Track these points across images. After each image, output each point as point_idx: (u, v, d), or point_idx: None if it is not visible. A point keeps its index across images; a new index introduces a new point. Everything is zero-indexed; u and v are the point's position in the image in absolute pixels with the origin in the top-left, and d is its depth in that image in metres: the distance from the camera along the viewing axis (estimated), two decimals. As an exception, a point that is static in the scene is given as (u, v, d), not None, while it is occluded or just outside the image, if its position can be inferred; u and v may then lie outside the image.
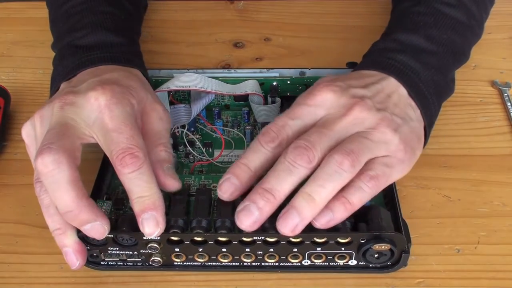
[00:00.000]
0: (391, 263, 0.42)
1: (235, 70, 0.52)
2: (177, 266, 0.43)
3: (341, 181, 0.38)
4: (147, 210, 0.38)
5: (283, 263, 0.42)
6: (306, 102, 0.42)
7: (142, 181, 0.39)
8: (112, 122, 0.40)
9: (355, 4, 0.68)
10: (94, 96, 0.41)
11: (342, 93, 0.42)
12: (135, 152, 0.39)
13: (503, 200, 0.48)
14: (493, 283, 0.42)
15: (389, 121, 0.41)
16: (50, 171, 0.37)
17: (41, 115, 0.42)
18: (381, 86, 0.44)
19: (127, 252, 0.42)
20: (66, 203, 0.38)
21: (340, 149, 0.39)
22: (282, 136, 0.40)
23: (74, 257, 0.40)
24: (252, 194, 0.39)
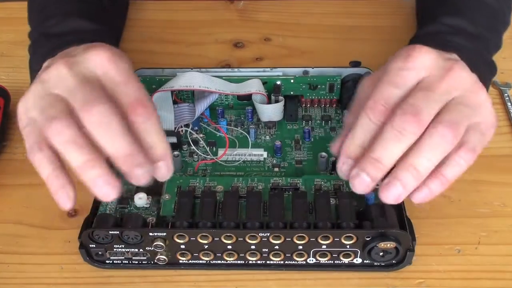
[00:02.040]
0: (395, 262, 0.42)
1: (238, 69, 0.52)
2: (182, 264, 0.43)
3: (444, 153, 0.38)
4: (159, 159, 0.39)
5: (288, 262, 0.42)
6: (404, 66, 0.40)
7: (153, 130, 0.39)
8: (119, 75, 0.40)
9: (355, 4, 0.68)
10: (94, 53, 0.40)
11: (438, 54, 0.41)
12: (146, 103, 0.39)
13: (504, 200, 0.48)
14: (494, 283, 0.43)
15: (481, 83, 0.41)
16: (108, 119, 0.37)
17: (43, 81, 0.40)
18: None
19: (132, 250, 0.42)
20: (125, 147, 0.38)
21: (443, 120, 0.38)
22: (391, 107, 0.39)
23: (110, 186, 0.38)
24: (363, 162, 0.39)
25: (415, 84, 0.40)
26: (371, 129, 0.39)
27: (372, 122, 0.39)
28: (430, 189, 0.39)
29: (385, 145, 0.38)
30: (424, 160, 0.38)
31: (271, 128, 0.51)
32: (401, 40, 0.63)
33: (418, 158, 0.38)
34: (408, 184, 0.38)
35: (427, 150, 0.38)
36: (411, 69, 0.40)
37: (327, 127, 0.52)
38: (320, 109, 0.53)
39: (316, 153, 0.48)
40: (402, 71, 0.40)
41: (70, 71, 0.40)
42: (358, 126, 0.40)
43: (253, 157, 0.49)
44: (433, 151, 0.38)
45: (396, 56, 0.41)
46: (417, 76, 0.40)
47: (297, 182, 0.46)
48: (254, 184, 0.46)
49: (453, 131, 0.38)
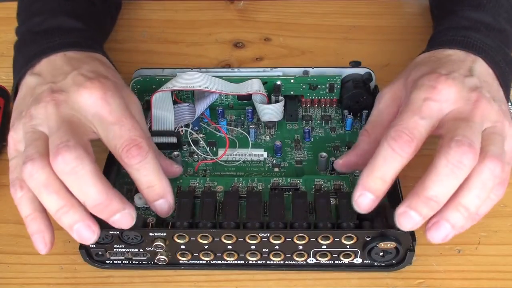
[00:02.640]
0: (396, 262, 0.42)
1: (239, 69, 0.52)
2: (182, 264, 0.43)
3: (492, 188, 0.37)
4: (159, 198, 0.40)
5: (288, 262, 0.42)
6: (432, 97, 0.39)
7: (150, 171, 0.39)
8: (111, 115, 0.40)
9: (355, 4, 0.68)
10: (87, 93, 0.40)
11: (462, 85, 0.40)
12: (140, 143, 0.39)
13: (504, 200, 0.47)
14: (494, 283, 0.43)
15: (504, 111, 0.41)
16: (73, 168, 0.37)
17: (31, 116, 0.40)
18: (479, 70, 0.43)
19: (132, 250, 0.42)
20: (95, 196, 0.37)
21: (489, 155, 0.37)
22: (416, 138, 0.38)
23: (91, 229, 0.38)
24: (414, 201, 0.37)
25: (440, 116, 0.39)
26: (394, 161, 0.37)
27: (397, 154, 0.37)
28: (463, 228, 0.39)
29: (441, 180, 0.36)
30: (475, 198, 0.37)
31: (271, 128, 0.51)
32: (401, 40, 0.64)
33: (468, 196, 0.37)
34: (457, 224, 0.37)
35: (479, 187, 0.37)
36: (437, 101, 0.39)
37: (327, 127, 0.52)
38: (320, 109, 0.53)
39: (316, 153, 0.48)
40: (428, 102, 0.39)
41: (57, 111, 0.40)
42: (380, 158, 0.38)
43: (253, 157, 0.49)
44: (484, 187, 0.37)
45: (420, 86, 0.40)
46: (442, 108, 0.39)
47: (297, 182, 0.46)
48: (254, 184, 0.46)
49: (501, 164, 0.37)
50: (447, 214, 0.37)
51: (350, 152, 0.44)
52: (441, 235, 0.38)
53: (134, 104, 0.44)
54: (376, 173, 0.38)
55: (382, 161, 0.38)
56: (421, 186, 0.37)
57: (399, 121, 0.38)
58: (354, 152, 0.44)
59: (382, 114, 0.44)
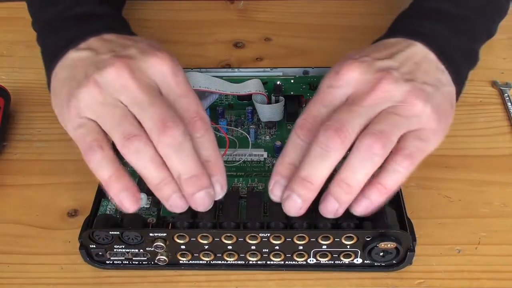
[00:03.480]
0: (396, 262, 0.42)
1: (239, 69, 0.52)
2: (182, 265, 0.43)
3: (374, 165, 0.38)
4: (214, 175, 0.40)
5: (288, 262, 0.42)
6: (332, 83, 0.40)
7: (210, 145, 0.40)
8: (179, 87, 0.40)
9: (355, 4, 0.68)
10: (158, 62, 0.40)
11: (368, 68, 0.40)
12: (204, 117, 0.40)
13: (504, 200, 0.48)
14: (494, 283, 0.43)
15: (418, 92, 0.40)
16: (181, 143, 0.38)
17: (100, 83, 0.39)
18: (408, 54, 0.42)
19: (132, 251, 0.42)
20: (194, 169, 0.39)
21: (369, 132, 0.38)
22: (317, 126, 0.39)
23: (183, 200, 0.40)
24: (292, 183, 0.39)
25: (343, 100, 0.40)
26: (300, 148, 0.39)
27: (301, 140, 0.39)
28: (370, 200, 0.39)
29: (312, 163, 0.38)
30: (353, 174, 0.38)
31: (271, 128, 0.51)
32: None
33: (347, 172, 0.38)
34: (341, 199, 0.38)
35: (355, 163, 0.38)
36: (338, 86, 0.40)
37: (327, 127, 0.52)
38: (320, 109, 0.53)
39: (316, 153, 0.48)
40: (330, 89, 0.40)
41: (133, 78, 0.39)
42: (289, 144, 0.40)
43: (253, 157, 0.49)
44: (362, 163, 0.38)
45: (327, 73, 0.41)
46: (344, 93, 0.40)
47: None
48: (255, 184, 0.46)
49: (381, 141, 0.37)
50: (330, 189, 0.39)
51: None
52: (328, 209, 0.39)
53: None
54: (285, 159, 0.40)
55: (289, 148, 0.40)
56: (298, 169, 0.39)
57: (305, 110, 0.40)
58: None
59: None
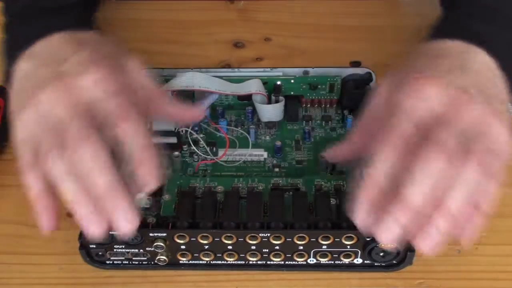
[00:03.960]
0: (396, 262, 0.42)
1: (239, 69, 0.52)
2: (182, 265, 0.43)
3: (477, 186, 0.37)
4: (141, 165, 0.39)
5: (288, 262, 0.42)
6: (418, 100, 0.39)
7: (138, 139, 0.39)
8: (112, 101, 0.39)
9: (355, 4, 0.68)
10: (91, 76, 0.40)
11: (448, 84, 0.39)
12: (130, 116, 0.39)
13: (504, 200, 0.47)
14: (494, 283, 0.43)
15: (494, 111, 0.39)
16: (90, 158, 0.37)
17: (37, 105, 0.40)
18: (477, 66, 0.41)
19: (132, 251, 0.42)
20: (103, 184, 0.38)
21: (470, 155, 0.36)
22: (410, 146, 0.37)
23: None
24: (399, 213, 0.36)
25: (426, 120, 0.38)
26: (391, 171, 0.37)
27: (391, 162, 0.37)
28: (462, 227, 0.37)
29: (416, 187, 0.36)
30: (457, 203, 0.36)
31: (272, 128, 0.51)
32: (401, 40, 0.63)
33: (451, 203, 0.36)
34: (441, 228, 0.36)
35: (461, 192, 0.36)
36: (421, 104, 0.38)
37: (327, 127, 0.52)
38: (321, 109, 0.53)
39: (317, 153, 0.48)
40: (413, 106, 0.38)
41: (68, 97, 0.39)
42: (377, 168, 0.37)
43: (253, 157, 0.49)
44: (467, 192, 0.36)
45: (406, 86, 0.39)
46: (431, 110, 0.38)
47: (298, 183, 0.46)
48: (255, 184, 0.46)
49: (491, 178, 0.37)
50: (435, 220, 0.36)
51: (343, 145, 0.44)
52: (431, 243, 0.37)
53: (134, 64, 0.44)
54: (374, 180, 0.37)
55: (381, 172, 0.37)
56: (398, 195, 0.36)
57: (392, 126, 0.38)
58: (347, 147, 0.44)
59: (378, 111, 0.42)
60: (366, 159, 0.38)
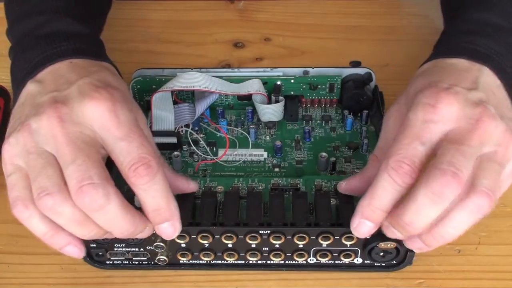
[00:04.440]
0: (396, 262, 0.42)
1: (239, 69, 0.52)
2: (182, 265, 0.43)
3: (476, 221, 0.36)
4: (165, 222, 0.38)
5: (288, 262, 0.42)
6: (430, 118, 0.37)
7: (158, 192, 0.37)
8: (119, 130, 0.37)
9: (355, 4, 0.68)
10: (94, 104, 0.37)
11: (464, 101, 0.37)
12: (149, 162, 0.36)
13: (504, 200, 0.48)
14: (494, 283, 0.43)
15: (510, 132, 0.37)
16: (101, 206, 0.35)
17: (32, 131, 0.37)
18: (485, 82, 0.40)
19: (132, 250, 0.42)
20: (123, 228, 0.37)
21: (478, 189, 0.35)
22: (417, 167, 0.36)
23: (79, 248, 0.39)
24: (398, 227, 0.37)
25: (441, 137, 0.37)
26: (395, 191, 0.36)
27: (397, 184, 0.36)
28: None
29: (419, 210, 0.35)
30: (453, 231, 0.36)
31: (271, 128, 0.51)
32: (401, 40, 0.64)
33: (448, 228, 0.36)
34: (432, 246, 0.38)
35: (461, 220, 0.35)
36: (437, 122, 0.36)
37: (327, 127, 0.52)
38: (321, 109, 0.53)
39: (317, 153, 0.48)
40: (427, 124, 0.36)
41: (62, 128, 0.36)
42: (380, 188, 0.36)
43: (253, 157, 0.49)
44: (467, 220, 0.35)
45: (417, 104, 0.37)
46: (444, 129, 0.37)
47: (298, 183, 0.46)
48: (255, 184, 0.46)
49: (489, 199, 0.35)
50: (425, 238, 0.37)
51: (356, 176, 0.42)
52: (414, 247, 0.39)
53: (142, 119, 0.41)
54: (375, 203, 0.37)
55: (382, 191, 0.36)
56: (400, 210, 0.36)
57: (398, 149, 0.36)
58: (359, 177, 0.41)
59: (390, 138, 0.40)
60: None
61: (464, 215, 0.35)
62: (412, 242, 0.39)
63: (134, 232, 0.38)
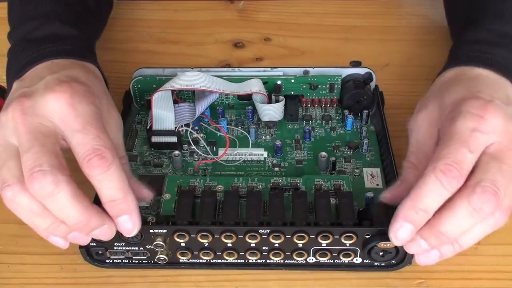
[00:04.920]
0: (395, 262, 0.42)
1: (239, 69, 0.52)
2: (182, 264, 0.43)
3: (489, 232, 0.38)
4: (121, 215, 0.38)
5: (288, 261, 0.42)
6: (479, 128, 0.37)
7: (113, 183, 0.37)
8: (76, 122, 0.38)
9: (355, 4, 0.69)
10: (54, 97, 0.38)
11: (507, 115, 0.38)
12: (102, 153, 0.37)
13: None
14: (494, 283, 0.43)
15: None
16: (50, 193, 0.36)
17: (1, 126, 0.39)
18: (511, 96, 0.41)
19: (132, 249, 0.42)
20: (74, 217, 0.37)
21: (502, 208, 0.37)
22: (464, 174, 0.36)
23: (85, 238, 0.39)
24: (426, 231, 0.37)
25: (484, 148, 0.37)
26: (440, 195, 0.36)
27: (444, 188, 0.36)
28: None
29: (458, 221, 0.36)
30: (471, 241, 0.38)
31: (272, 128, 0.51)
32: (401, 40, 0.64)
33: (468, 239, 0.38)
34: (445, 256, 0.39)
35: (480, 231, 0.37)
36: (485, 132, 0.37)
37: (327, 127, 0.52)
38: (321, 109, 0.53)
39: (316, 153, 0.48)
40: (475, 133, 0.37)
41: (23, 119, 0.38)
42: (426, 190, 0.36)
43: (253, 156, 0.49)
44: (484, 232, 0.38)
45: (466, 114, 0.38)
46: (488, 141, 0.38)
47: (297, 182, 0.46)
48: (254, 184, 0.46)
49: (507, 216, 0.37)
50: (441, 248, 0.38)
51: (398, 186, 0.41)
52: (428, 261, 0.39)
53: (113, 119, 0.42)
54: (420, 205, 0.37)
55: (428, 193, 0.36)
56: (437, 220, 0.37)
57: (447, 153, 0.37)
58: (403, 186, 0.41)
59: (424, 144, 0.41)
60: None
61: (485, 228, 0.38)
62: (430, 254, 0.39)
63: (89, 225, 0.38)
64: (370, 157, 0.49)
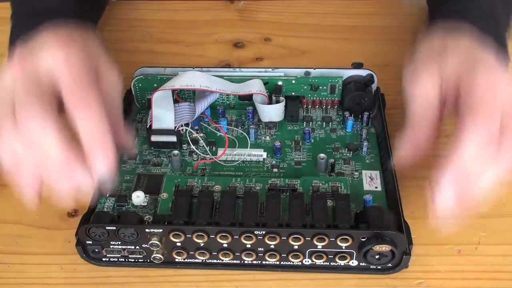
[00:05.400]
0: (392, 265, 0.42)
1: (240, 69, 0.52)
2: (178, 263, 0.43)
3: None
4: (98, 145, 0.38)
5: (283, 262, 0.42)
6: (499, 94, 0.40)
7: (93, 117, 0.38)
8: (69, 74, 0.39)
9: (355, 4, 0.69)
10: (50, 53, 0.40)
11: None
12: (90, 103, 0.38)
13: (503, 200, 0.48)
14: (494, 283, 0.43)
15: None
16: (40, 136, 0.38)
17: (2, 79, 0.41)
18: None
19: (128, 248, 0.42)
20: (59, 162, 0.38)
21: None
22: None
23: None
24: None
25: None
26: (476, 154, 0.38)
27: (478, 146, 0.38)
28: None
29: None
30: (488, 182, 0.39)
31: (272, 128, 0.51)
32: (401, 40, 0.64)
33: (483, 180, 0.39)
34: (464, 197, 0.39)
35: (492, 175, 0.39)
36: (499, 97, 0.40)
37: (327, 128, 0.52)
38: (321, 110, 0.53)
39: (316, 155, 0.48)
40: (496, 100, 0.40)
41: (22, 77, 0.40)
42: (466, 152, 0.39)
43: (252, 157, 0.49)
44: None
45: (482, 79, 0.40)
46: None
47: (295, 183, 0.46)
48: (252, 184, 0.46)
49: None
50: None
51: (406, 141, 0.43)
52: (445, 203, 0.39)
53: (108, 79, 0.43)
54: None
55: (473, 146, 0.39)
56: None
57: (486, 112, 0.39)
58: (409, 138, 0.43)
59: (430, 103, 0.43)
60: None
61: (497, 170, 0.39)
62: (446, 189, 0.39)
63: (71, 174, 0.38)
64: (370, 159, 0.49)
